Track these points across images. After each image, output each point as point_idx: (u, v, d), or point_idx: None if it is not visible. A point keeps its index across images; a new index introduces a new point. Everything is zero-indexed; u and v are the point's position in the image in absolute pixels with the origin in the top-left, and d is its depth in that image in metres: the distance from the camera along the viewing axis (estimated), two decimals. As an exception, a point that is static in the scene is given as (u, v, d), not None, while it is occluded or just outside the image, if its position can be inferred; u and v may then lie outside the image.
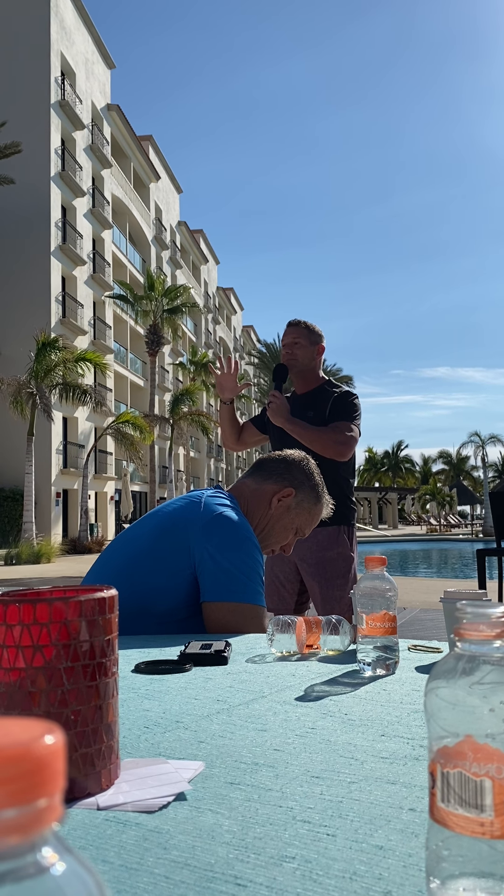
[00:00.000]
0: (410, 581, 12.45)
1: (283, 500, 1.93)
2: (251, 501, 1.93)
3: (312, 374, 3.19)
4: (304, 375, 3.18)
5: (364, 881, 0.51)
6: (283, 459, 2.00)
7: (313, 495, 1.97)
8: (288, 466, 1.97)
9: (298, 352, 3.15)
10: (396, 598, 1.24)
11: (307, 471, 1.99)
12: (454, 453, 77.26)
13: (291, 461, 1.99)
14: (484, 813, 0.44)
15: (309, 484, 1.97)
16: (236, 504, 1.88)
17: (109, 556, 1.83)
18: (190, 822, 0.62)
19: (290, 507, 1.94)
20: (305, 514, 1.97)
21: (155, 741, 0.85)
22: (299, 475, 1.96)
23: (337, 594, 2.99)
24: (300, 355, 3.15)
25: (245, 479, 1.99)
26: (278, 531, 1.95)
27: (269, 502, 1.92)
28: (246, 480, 1.98)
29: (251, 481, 1.97)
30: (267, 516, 1.93)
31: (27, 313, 27.06)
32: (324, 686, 1.12)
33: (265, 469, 1.98)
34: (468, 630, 0.49)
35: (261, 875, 0.52)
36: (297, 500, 1.94)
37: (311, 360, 3.17)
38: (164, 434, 34.85)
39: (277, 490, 1.93)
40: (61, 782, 0.23)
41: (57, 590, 0.80)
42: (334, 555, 3.02)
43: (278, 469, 1.97)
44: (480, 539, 34.09)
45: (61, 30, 29.45)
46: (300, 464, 1.99)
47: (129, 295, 30.24)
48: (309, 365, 3.17)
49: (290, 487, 1.94)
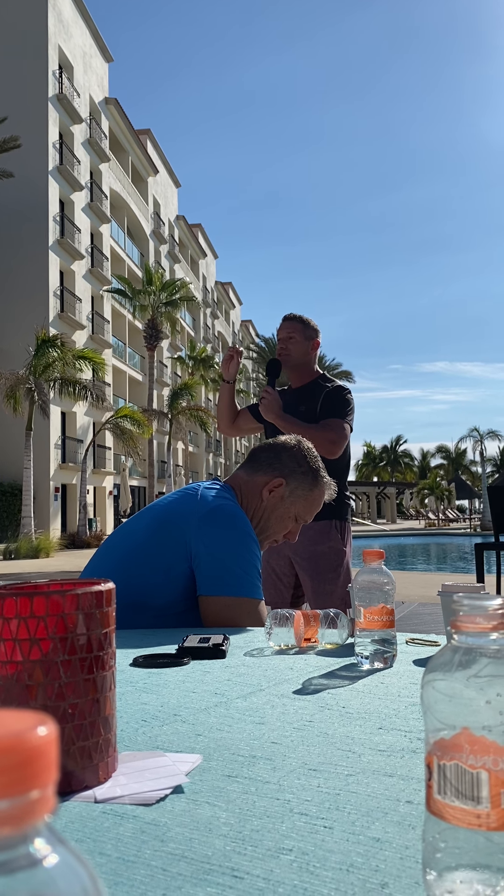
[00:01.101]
0: (408, 575, 12.47)
1: (274, 490, 1.90)
2: (245, 494, 1.91)
3: (307, 368, 3.19)
4: (298, 370, 3.19)
5: (361, 873, 0.51)
6: (273, 448, 1.96)
7: (307, 481, 1.93)
8: (277, 455, 1.93)
9: (292, 347, 3.15)
10: (394, 592, 1.24)
11: (299, 457, 1.94)
12: (453, 448, 77.32)
13: (282, 449, 1.95)
14: (480, 805, 0.44)
15: (301, 470, 1.93)
16: (233, 496, 1.87)
17: (107, 550, 1.83)
18: (187, 815, 0.62)
19: (283, 496, 1.91)
20: (302, 501, 1.93)
21: (152, 734, 0.85)
22: (290, 463, 1.92)
23: (328, 588, 3.00)
24: (294, 350, 3.15)
25: (238, 471, 1.97)
26: (275, 521, 1.93)
27: (260, 494, 1.91)
28: (239, 472, 1.96)
29: (243, 473, 1.95)
30: (261, 508, 1.91)
31: (25, 308, 27.02)
32: (321, 679, 1.12)
33: (256, 460, 1.95)
34: (465, 622, 0.49)
35: (258, 867, 0.52)
36: (290, 489, 1.91)
37: (305, 355, 3.17)
38: (162, 429, 34.84)
39: (267, 481, 1.90)
40: (54, 774, 0.23)
41: (54, 583, 0.79)
42: (325, 549, 3.02)
43: (268, 459, 1.93)
44: (478, 533, 34.14)
45: (59, 23, 29.32)
46: (291, 451, 1.95)
47: (128, 289, 30.19)
48: (303, 360, 3.17)
49: (279, 478, 1.91)
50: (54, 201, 28.24)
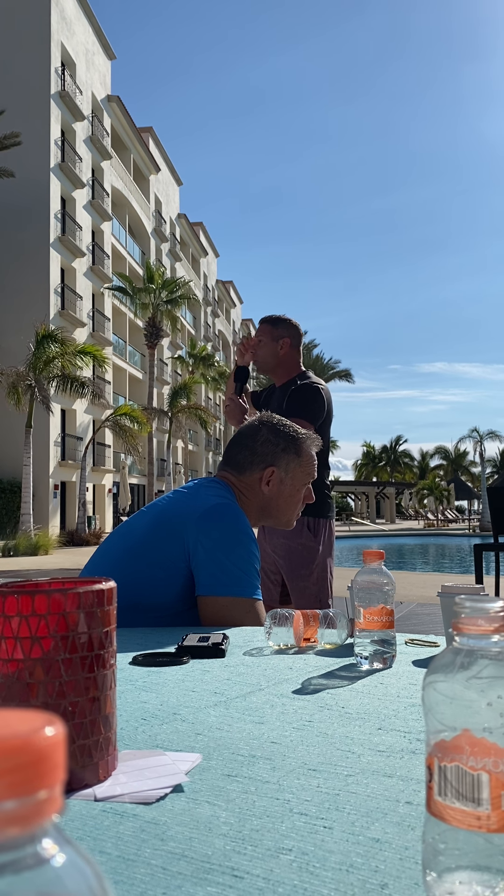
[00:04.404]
0: (408, 575, 12.48)
1: (271, 480, 1.90)
2: (244, 491, 1.91)
3: (285, 367, 3.21)
4: (275, 370, 3.23)
5: (361, 873, 0.51)
6: (245, 444, 1.94)
7: (292, 452, 1.92)
8: (252, 449, 1.92)
9: (259, 350, 3.21)
10: (394, 593, 1.24)
11: (271, 436, 1.92)
12: (452, 448, 77.32)
13: (253, 440, 1.93)
14: (481, 807, 0.45)
15: (281, 447, 1.91)
16: (231, 494, 1.87)
17: (107, 549, 1.83)
18: (187, 814, 0.62)
19: (281, 479, 1.91)
20: (299, 470, 1.93)
21: (152, 733, 0.85)
22: (268, 448, 1.91)
23: (301, 585, 3.05)
24: (261, 354, 3.21)
25: (224, 472, 1.95)
26: (285, 503, 1.93)
27: (259, 489, 1.91)
28: (226, 475, 1.94)
29: (231, 476, 1.93)
30: (266, 500, 1.92)
31: (26, 305, 27.00)
32: (321, 679, 1.13)
33: (236, 463, 1.93)
34: (466, 624, 0.49)
35: (258, 867, 0.52)
36: (284, 469, 1.91)
37: (274, 356, 3.20)
38: (162, 427, 34.83)
39: (260, 476, 1.90)
40: (62, 774, 0.23)
41: (55, 581, 0.80)
42: (296, 545, 3.05)
43: (247, 457, 1.92)
44: (478, 534, 34.14)
45: (62, 20, 29.29)
46: (261, 435, 1.93)
47: (129, 287, 30.17)
48: (273, 361, 3.20)
49: (269, 467, 1.90)
50: (56, 198, 28.22)
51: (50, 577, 0.88)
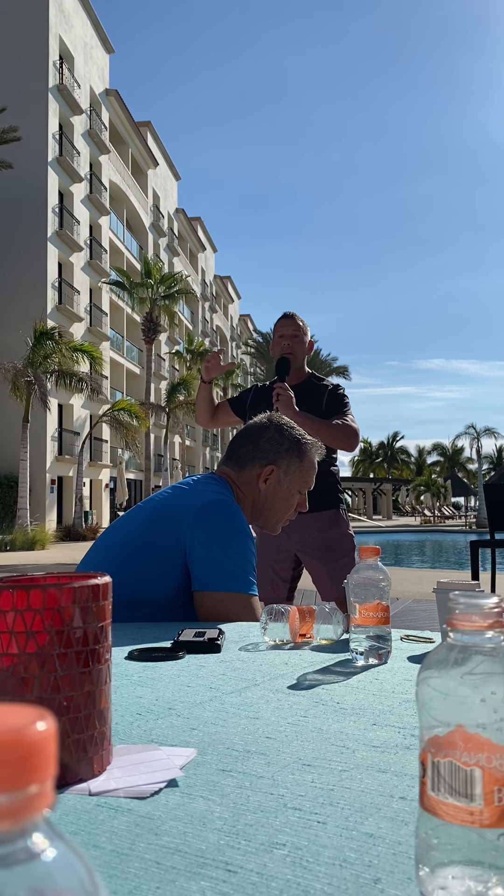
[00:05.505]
0: (404, 571, 12.49)
1: (269, 478, 1.90)
2: (241, 487, 1.92)
3: (301, 368, 3.30)
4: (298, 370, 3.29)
5: (354, 868, 0.51)
6: (250, 439, 1.94)
7: (295, 454, 1.92)
8: (257, 445, 1.92)
9: (297, 347, 3.25)
10: (390, 589, 1.25)
11: (277, 436, 1.92)
12: (449, 445, 77.39)
13: (259, 436, 1.93)
14: (474, 802, 0.45)
15: (285, 448, 1.91)
16: (229, 490, 1.87)
17: (103, 544, 1.83)
18: (181, 809, 0.62)
19: (279, 479, 1.91)
20: (298, 475, 1.93)
21: (147, 728, 0.86)
22: (272, 446, 1.91)
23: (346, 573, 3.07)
24: (298, 350, 3.26)
25: (224, 468, 1.96)
26: (280, 503, 1.93)
27: (256, 486, 1.91)
28: (226, 469, 1.95)
29: (231, 470, 1.94)
30: (261, 498, 1.92)
31: (23, 299, 26.94)
32: (316, 675, 1.13)
33: (238, 456, 1.94)
34: (461, 620, 0.49)
35: (251, 861, 0.52)
36: (283, 470, 1.91)
37: (304, 355, 3.30)
38: (159, 422, 34.80)
39: (259, 473, 1.91)
40: (53, 769, 0.23)
41: (51, 576, 0.80)
42: (337, 535, 3.15)
43: (250, 452, 1.92)
44: (474, 530, 34.20)
45: (60, 13, 29.17)
46: (268, 433, 1.93)
47: (126, 282, 30.11)
48: (301, 360, 3.29)
49: (268, 466, 1.90)
50: (53, 192, 28.14)
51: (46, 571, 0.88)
